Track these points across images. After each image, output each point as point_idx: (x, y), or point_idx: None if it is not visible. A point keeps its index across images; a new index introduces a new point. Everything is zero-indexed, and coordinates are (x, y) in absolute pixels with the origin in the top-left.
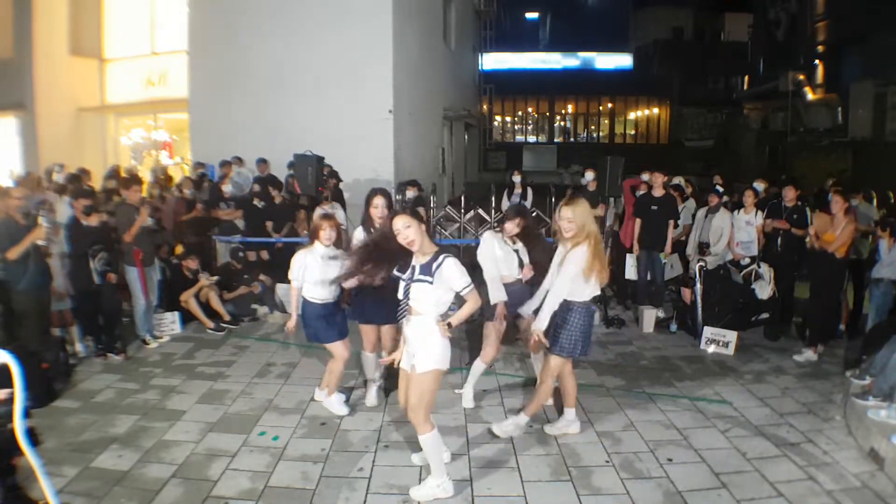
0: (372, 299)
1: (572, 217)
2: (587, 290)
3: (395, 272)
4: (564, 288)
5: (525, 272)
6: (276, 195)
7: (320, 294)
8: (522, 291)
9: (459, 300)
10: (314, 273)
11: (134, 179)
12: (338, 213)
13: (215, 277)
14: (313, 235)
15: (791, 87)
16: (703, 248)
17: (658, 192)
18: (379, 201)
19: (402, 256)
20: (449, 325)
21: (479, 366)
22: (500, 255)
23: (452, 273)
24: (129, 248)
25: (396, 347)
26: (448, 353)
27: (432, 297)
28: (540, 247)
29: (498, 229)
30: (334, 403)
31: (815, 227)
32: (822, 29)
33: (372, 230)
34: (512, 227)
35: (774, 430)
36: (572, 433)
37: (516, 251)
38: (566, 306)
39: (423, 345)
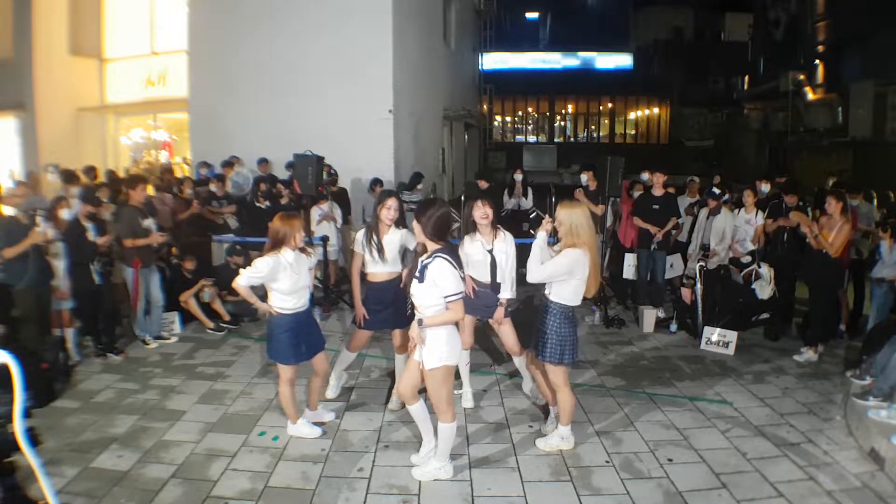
0: (376, 306)
1: (561, 219)
2: (568, 292)
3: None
4: (548, 273)
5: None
6: (286, 193)
7: (291, 304)
8: (492, 297)
9: None
10: (285, 282)
11: (139, 179)
12: (335, 213)
13: (211, 280)
14: (284, 240)
15: (791, 87)
16: (706, 249)
17: (658, 191)
18: (392, 203)
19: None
20: (420, 321)
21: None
22: (477, 260)
23: (438, 274)
24: (131, 253)
25: (407, 349)
26: (455, 348)
27: (423, 295)
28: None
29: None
30: (303, 429)
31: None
32: (822, 29)
33: (374, 234)
34: (480, 215)
35: (775, 430)
36: (566, 448)
37: (490, 252)
38: (545, 305)
39: (427, 342)
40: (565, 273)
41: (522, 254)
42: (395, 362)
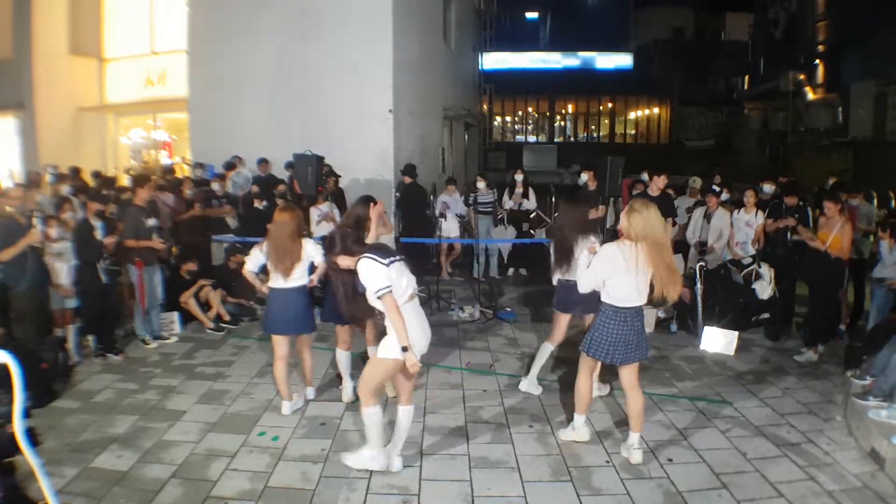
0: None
1: (622, 222)
2: (613, 290)
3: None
4: (588, 276)
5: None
6: (277, 191)
7: None
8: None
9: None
10: None
11: (146, 178)
12: (334, 213)
13: (211, 281)
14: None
15: (791, 87)
16: (703, 247)
17: (655, 191)
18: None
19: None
20: (405, 349)
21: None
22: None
23: (364, 274)
24: (133, 253)
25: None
26: (416, 347)
27: (371, 297)
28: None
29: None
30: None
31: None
32: (822, 29)
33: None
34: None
35: (775, 430)
36: (579, 440)
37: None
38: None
39: (389, 333)
40: (604, 270)
41: (526, 254)
42: (341, 356)
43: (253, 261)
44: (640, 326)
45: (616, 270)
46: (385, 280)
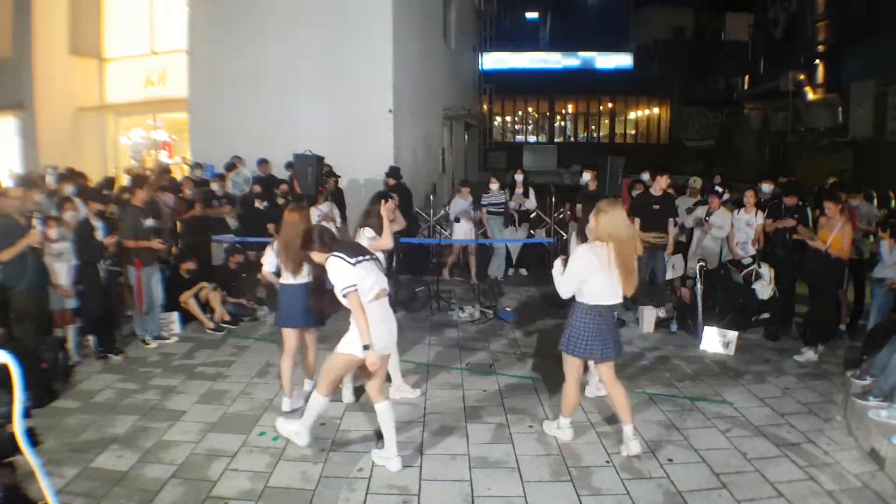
0: None
1: (590, 223)
2: (590, 290)
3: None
4: (566, 279)
5: None
6: (279, 190)
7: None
8: None
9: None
10: None
11: (144, 178)
12: (334, 213)
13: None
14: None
15: (791, 87)
16: (703, 222)
17: (657, 191)
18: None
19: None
20: (366, 347)
21: None
22: None
23: (333, 272)
24: (132, 253)
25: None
26: (376, 345)
27: (339, 295)
28: None
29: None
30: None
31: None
32: (823, 29)
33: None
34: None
35: (775, 430)
36: (562, 439)
37: None
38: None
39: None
40: (581, 271)
41: (529, 254)
42: None
43: (268, 261)
44: (613, 322)
45: (592, 270)
46: (351, 279)
